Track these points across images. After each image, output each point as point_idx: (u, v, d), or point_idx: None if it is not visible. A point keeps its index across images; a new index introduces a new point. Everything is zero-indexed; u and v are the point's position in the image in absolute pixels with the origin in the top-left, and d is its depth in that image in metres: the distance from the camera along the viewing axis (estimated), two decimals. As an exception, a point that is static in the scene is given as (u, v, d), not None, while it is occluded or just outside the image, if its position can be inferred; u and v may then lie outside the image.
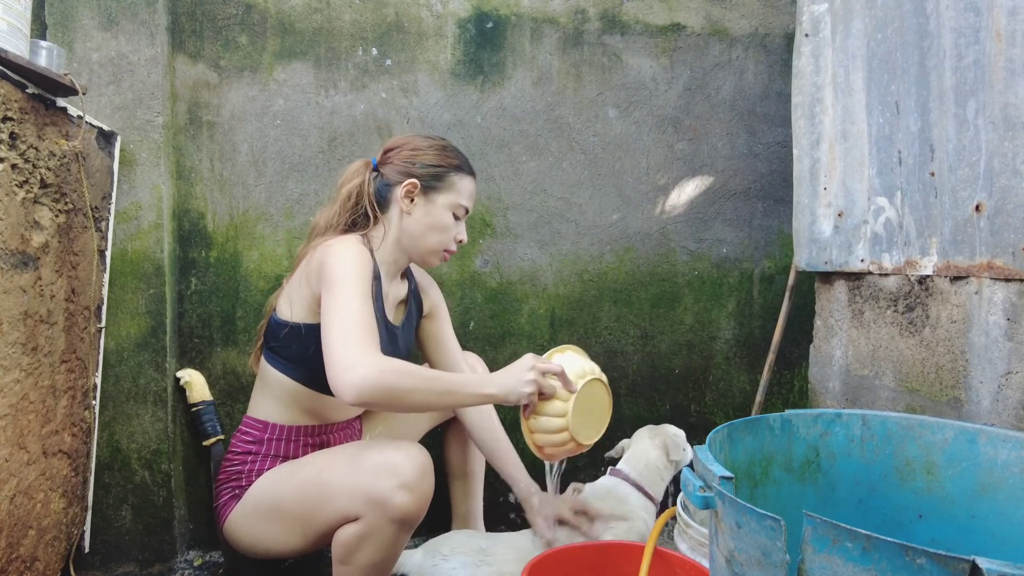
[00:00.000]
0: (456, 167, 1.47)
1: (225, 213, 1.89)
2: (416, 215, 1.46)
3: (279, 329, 1.42)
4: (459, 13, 2.00)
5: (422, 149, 1.47)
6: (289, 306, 1.42)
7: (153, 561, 1.76)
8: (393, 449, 1.26)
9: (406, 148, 1.48)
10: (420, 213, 1.45)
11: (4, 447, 1.20)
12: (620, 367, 2.13)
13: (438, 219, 1.45)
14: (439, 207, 1.45)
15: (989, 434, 1.06)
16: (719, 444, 1.03)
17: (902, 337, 1.46)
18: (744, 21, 2.17)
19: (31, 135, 1.27)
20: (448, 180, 1.46)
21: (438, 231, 1.46)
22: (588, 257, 2.11)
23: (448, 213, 1.46)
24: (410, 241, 1.47)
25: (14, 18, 1.23)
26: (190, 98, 1.86)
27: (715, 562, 0.91)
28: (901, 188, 1.43)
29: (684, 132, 2.15)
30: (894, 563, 0.64)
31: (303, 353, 1.40)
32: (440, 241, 1.47)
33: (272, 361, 1.45)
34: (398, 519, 1.21)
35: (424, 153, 1.46)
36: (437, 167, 1.45)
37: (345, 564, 1.26)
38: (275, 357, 1.45)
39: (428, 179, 1.45)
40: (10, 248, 1.21)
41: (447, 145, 1.50)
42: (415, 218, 1.46)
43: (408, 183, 1.44)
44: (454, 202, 1.46)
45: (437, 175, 1.45)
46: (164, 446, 1.74)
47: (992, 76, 1.18)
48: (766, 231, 2.20)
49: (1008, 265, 1.17)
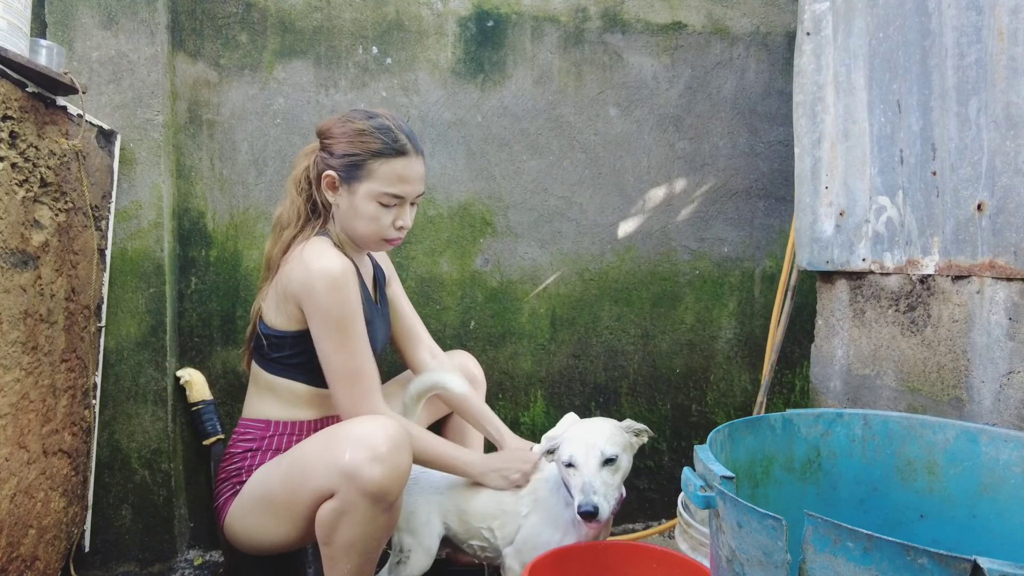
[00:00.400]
0: (375, 152, 1.36)
1: (225, 212, 1.89)
2: (343, 206, 1.40)
3: (280, 341, 1.41)
4: (460, 11, 2.00)
5: (339, 136, 1.38)
6: (280, 317, 1.41)
7: (153, 560, 1.76)
8: (367, 422, 1.26)
9: (328, 134, 1.41)
10: (345, 204, 1.40)
11: (4, 446, 1.20)
12: (621, 366, 2.13)
13: (362, 210, 1.38)
14: (360, 197, 1.38)
15: (991, 434, 1.06)
16: (720, 444, 1.03)
17: (903, 337, 1.46)
18: (745, 20, 2.16)
19: (31, 134, 1.27)
20: (366, 168, 1.36)
21: (364, 221, 1.39)
22: (589, 256, 2.10)
23: (371, 203, 1.38)
24: (348, 230, 1.43)
25: (14, 17, 1.23)
26: (190, 97, 1.86)
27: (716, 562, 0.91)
28: (903, 187, 1.43)
29: (685, 131, 2.14)
30: (895, 563, 0.64)
31: (309, 359, 1.40)
32: (371, 231, 1.41)
33: (275, 371, 1.44)
34: (371, 492, 1.20)
35: (340, 141, 1.38)
36: (352, 156, 1.36)
37: (328, 545, 1.26)
38: (278, 367, 1.44)
39: (345, 168, 1.37)
40: (10, 247, 1.21)
41: (367, 128, 1.37)
42: (343, 210, 1.41)
43: (326, 175, 1.39)
44: (376, 191, 1.37)
45: (353, 164, 1.36)
46: (164, 445, 1.74)
47: (994, 75, 1.18)
48: (767, 230, 2.20)
49: (1010, 264, 1.17)
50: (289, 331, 1.40)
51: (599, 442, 1.33)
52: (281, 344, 1.41)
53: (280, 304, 1.40)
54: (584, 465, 1.31)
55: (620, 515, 1.93)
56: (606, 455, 1.32)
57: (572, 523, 1.40)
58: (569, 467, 1.34)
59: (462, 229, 2.02)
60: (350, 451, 1.21)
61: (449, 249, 2.01)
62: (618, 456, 1.33)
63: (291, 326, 1.40)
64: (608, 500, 1.29)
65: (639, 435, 1.42)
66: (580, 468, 1.31)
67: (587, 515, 1.26)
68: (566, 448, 1.35)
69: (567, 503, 1.40)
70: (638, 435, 1.42)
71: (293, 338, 1.40)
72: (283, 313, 1.40)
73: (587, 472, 1.30)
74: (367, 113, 1.41)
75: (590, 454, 1.32)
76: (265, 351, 1.44)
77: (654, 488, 2.16)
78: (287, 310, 1.39)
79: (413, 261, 1.98)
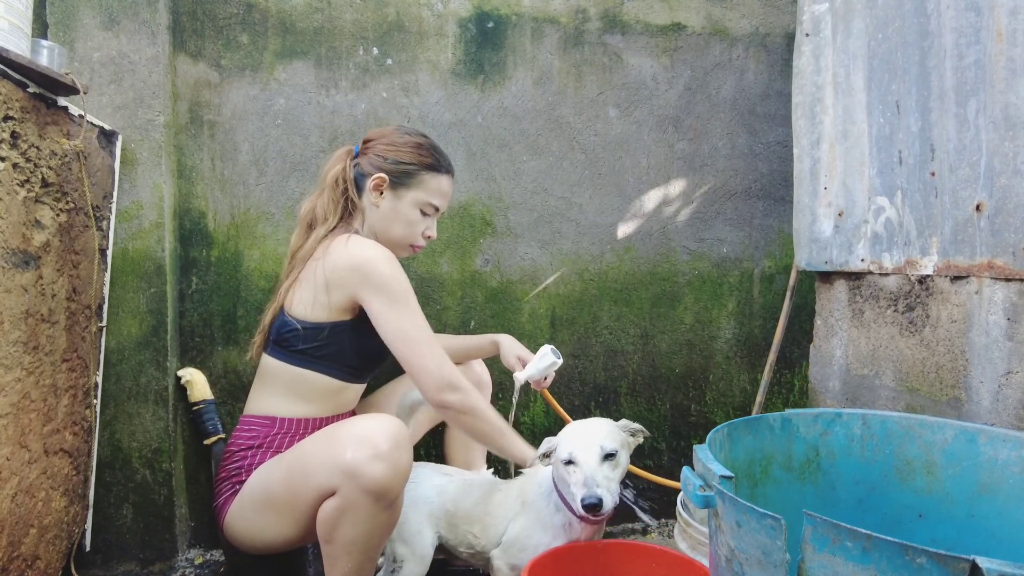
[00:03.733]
0: (429, 166, 1.51)
1: (226, 212, 1.89)
2: (383, 208, 1.51)
3: (313, 332, 1.43)
4: (460, 12, 2.00)
5: (397, 145, 1.51)
6: (316, 308, 1.43)
7: (154, 560, 1.76)
8: (368, 421, 1.27)
9: (382, 141, 1.53)
10: (387, 207, 1.51)
11: (5, 446, 1.20)
12: (620, 366, 2.14)
13: (403, 214, 1.51)
14: (406, 203, 1.51)
15: (989, 434, 1.06)
16: (719, 443, 1.03)
17: (902, 337, 1.46)
18: (745, 21, 2.17)
19: (32, 134, 1.27)
20: (418, 178, 1.51)
21: (403, 225, 1.52)
22: (588, 256, 2.11)
23: (415, 210, 1.52)
24: (380, 231, 1.52)
25: (15, 17, 1.24)
26: (191, 97, 1.86)
27: (715, 561, 0.91)
28: (901, 188, 1.43)
29: (685, 132, 2.15)
30: (894, 562, 0.65)
31: (340, 351, 1.44)
32: (405, 236, 1.53)
33: (300, 362, 1.45)
34: (372, 490, 1.21)
35: (398, 149, 1.51)
36: (409, 164, 1.50)
37: (329, 543, 1.27)
38: (305, 358, 1.45)
39: (398, 175, 1.50)
40: (11, 247, 1.21)
41: (424, 143, 1.53)
42: (382, 211, 1.51)
43: (377, 177, 1.49)
44: (422, 199, 1.52)
45: (407, 172, 1.50)
46: (165, 445, 1.75)
47: (993, 76, 1.18)
48: (766, 231, 2.21)
49: (1008, 265, 1.17)
50: (327, 322, 1.43)
51: (598, 438, 1.33)
52: (314, 335, 1.43)
53: (319, 295, 1.42)
54: (585, 461, 1.31)
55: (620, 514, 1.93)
56: (606, 450, 1.31)
57: (562, 527, 1.40)
58: (569, 464, 1.33)
59: (462, 229, 2.03)
60: (351, 449, 1.22)
61: (449, 249, 2.02)
62: (617, 452, 1.33)
63: (331, 316, 1.43)
64: (611, 493, 1.28)
65: (635, 435, 1.42)
66: (581, 464, 1.31)
67: (591, 507, 1.24)
68: (564, 446, 1.34)
69: (557, 508, 1.40)
70: (634, 435, 1.42)
71: (330, 328, 1.43)
72: (323, 304, 1.42)
73: (588, 467, 1.30)
74: (420, 132, 1.58)
75: (590, 450, 1.32)
76: (294, 342, 1.45)
77: (653, 487, 2.16)
78: (330, 300, 1.41)
79: (413, 261, 1.99)
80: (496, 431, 1.44)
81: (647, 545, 1.41)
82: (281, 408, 1.46)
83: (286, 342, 1.45)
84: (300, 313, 1.44)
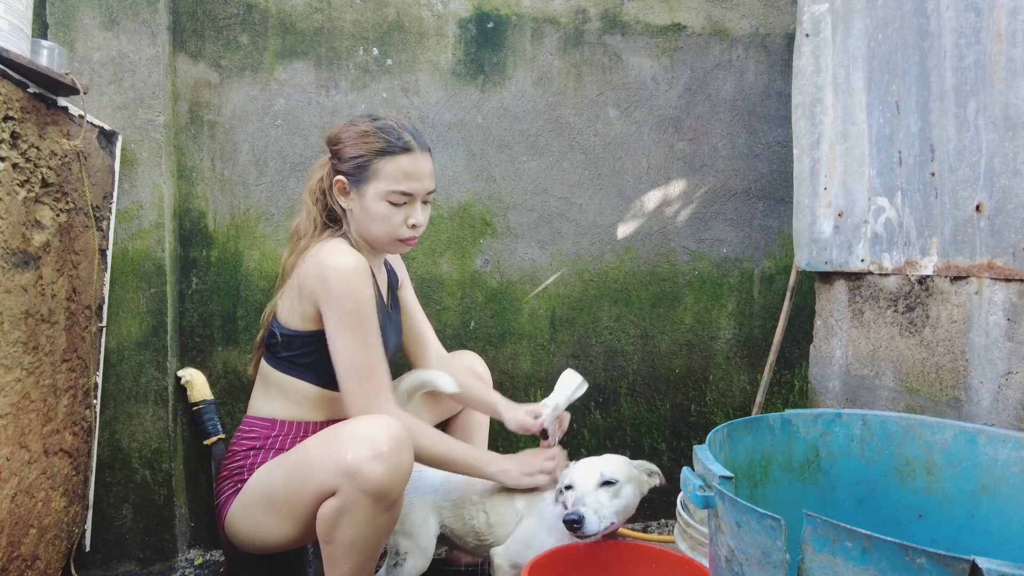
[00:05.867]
0: (379, 151, 1.38)
1: (226, 212, 1.89)
2: (355, 210, 1.42)
3: (291, 340, 1.42)
4: (460, 13, 2.00)
5: (345, 141, 1.41)
6: (294, 316, 1.42)
7: (154, 560, 1.76)
8: (369, 421, 1.27)
9: (334, 141, 1.44)
10: (357, 208, 1.42)
11: (5, 446, 1.20)
12: (620, 367, 2.14)
13: (372, 211, 1.40)
14: (369, 199, 1.39)
15: (989, 434, 1.06)
16: (719, 444, 1.03)
17: (902, 337, 1.46)
18: (745, 21, 2.17)
19: (32, 134, 1.27)
20: (372, 168, 1.38)
21: (377, 223, 1.41)
22: (588, 257, 2.11)
23: (381, 203, 1.39)
24: (363, 234, 1.45)
25: (16, 17, 1.24)
26: (191, 98, 1.86)
27: (715, 562, 0.91)
28: (901, 188, 1.43)
29: (684, 132, 2.15)
30: (894, 563, 0.65)
31: (319, 360, 1.41)
32: (386, 232, 1.42)
33: (285, 369, 1.45)
34: (373, 491, 1.20)
35: (347, 145, 1.40)
36: (359, 157, 1.39)
37: (329, 543, 1.26)
38: (288, 365, 1.44)
39: (353, 171, 1.39)
40: (11, 247, 1.21)
41: (370, 128, 1.40)
42: (356, 213, 1.43)
43: (336, 181, 1.42)
44: (384, 189, 1.38)
45: (360, 165, 1.39)
46: (165, 445, 1.75)
47: (993, 76, 1.18)
48: (766, 231, 2.21)
49: (1008, 265, 1.17)
50: (303, 331, 1.41)
51: (600, 465, 1.37)
52: (293, 343, 1.42)
53: (295, 303, 1.41)
54: (581, 484, 1.35)
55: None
56: (605, 476, 1.34)
57: (568, 532, 1.41)
58: (567, 489, 1.37)
59: (462, 230, 2.03)
60: (352, 450, 1.21)
61: (449, 249, 2.02)
62: (618, 482, 1.35)
63: (305, 326, 1.40)
64: (599, 516, 1.30)
65: (651, 476, 1.44)
66: (576, 487, 1.35)
67: (569, 523, 1.28)
68: (567, 476, 1.39)
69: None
70: (650, 476, 1.44)
71: (304, 338, 1.41)
72: (297, 312, 1.40)
73: (581, 489, 1.34)
74: (370, 116, 1.44)
75: (589, 475, 1.35)
76: (277, 349, 1.44)
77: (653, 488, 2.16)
78: (302, 309, 1.39)
79: (413, 261, 1.98)
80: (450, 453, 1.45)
81: (647, 545, 1.41)
82: (280, 411, 1.46)
83: (272, 348, 1.45)
84: (283, 320, 1.43)
